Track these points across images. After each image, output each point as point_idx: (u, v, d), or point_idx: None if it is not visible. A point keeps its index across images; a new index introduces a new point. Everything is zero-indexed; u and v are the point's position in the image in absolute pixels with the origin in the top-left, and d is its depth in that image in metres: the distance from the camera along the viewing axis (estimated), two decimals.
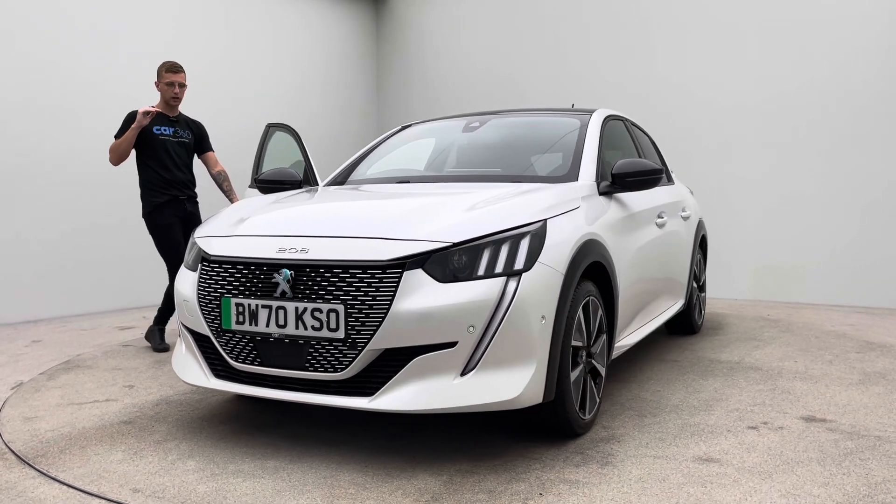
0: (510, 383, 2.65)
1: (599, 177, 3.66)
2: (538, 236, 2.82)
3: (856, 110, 6.84)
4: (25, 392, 3.97)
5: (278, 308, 2.75)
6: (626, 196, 3.82)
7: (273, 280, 2.77)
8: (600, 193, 3.56)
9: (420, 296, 2.61)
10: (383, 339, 2.60)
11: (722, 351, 4.83)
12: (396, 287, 2.61)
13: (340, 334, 2.64)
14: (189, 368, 3.13)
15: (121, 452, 2.96)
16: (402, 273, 2.62)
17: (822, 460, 2.77)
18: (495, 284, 2.66)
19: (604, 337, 3.29)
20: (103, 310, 7.03)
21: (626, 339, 3.80)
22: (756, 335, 5.37)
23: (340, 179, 4.24)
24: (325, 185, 4.20)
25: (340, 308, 2.64)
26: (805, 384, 3.92)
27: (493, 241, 2.73)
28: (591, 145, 3.81)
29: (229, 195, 5.25)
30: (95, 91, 6.99)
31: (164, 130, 4.97)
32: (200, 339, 3.05)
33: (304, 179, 4.57)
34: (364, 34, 10.06)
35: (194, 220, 5.01)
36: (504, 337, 2.63)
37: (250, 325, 2.81)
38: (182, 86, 5.02)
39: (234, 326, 2.85)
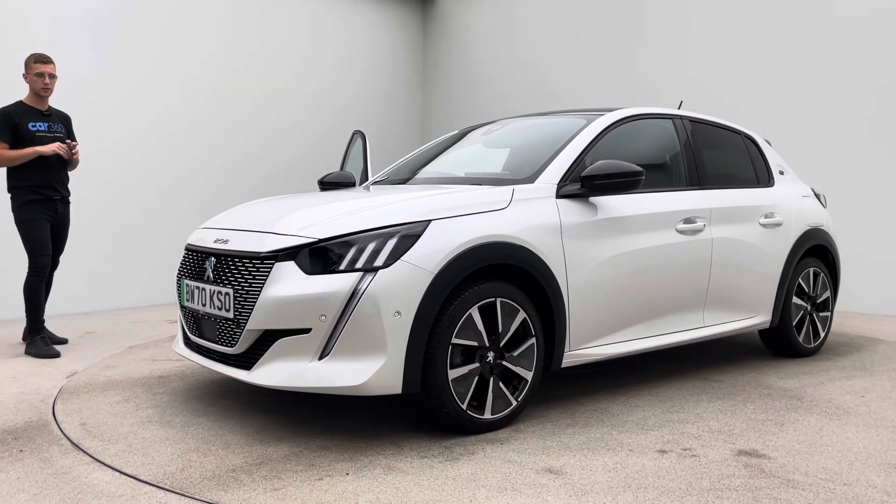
0: (358, 371, 2.87)
1: (569, 179, 3.58)
2: (410, 236, 2.97)
3: None
4: (139, 348, 5.03)
5: (202, 289, 3.28)
6: (611, 199, 3.66)
7: (204, 266, 3.32)
8: (560, 196, 3.50)
9: (283, 285, 2.95)
10: (257, 321, 2.99)
11: (795, 377, 4.25)
12: (268, 276, 2.98)
13: (231, 315, 3.09)
14: (176, 337, 3.82)
15: (120, 396, 3.74)
16: (274, 264, 2.99)
17: (673, 491, 2.52)
18: (349, 279, 2.89)
19: (531, 340, 3.27)
20: (151, 304, 7.14)
21: (604, 348, 3.65)
22: (873, 365, 4.56)
23: (374, 182, 4.64)
24: (370, 185, 4.63)
25: (231, 292, 3.09)
26: (821, 420, 3.38)
27: (360, 238, 2.96)
28: (574, 147, 3.72)
29: None
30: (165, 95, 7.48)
31: (39, 126, 4.78)
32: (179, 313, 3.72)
33: (362, 181, 5.05)
34: (410, 35, 9.96)
35: (63, 224, 4.94)
36: (353, 328, 2.86)
37: (191, 302, 3.38)
38: (52, 76, 4.80)
39: (185, 303, 3.45)
